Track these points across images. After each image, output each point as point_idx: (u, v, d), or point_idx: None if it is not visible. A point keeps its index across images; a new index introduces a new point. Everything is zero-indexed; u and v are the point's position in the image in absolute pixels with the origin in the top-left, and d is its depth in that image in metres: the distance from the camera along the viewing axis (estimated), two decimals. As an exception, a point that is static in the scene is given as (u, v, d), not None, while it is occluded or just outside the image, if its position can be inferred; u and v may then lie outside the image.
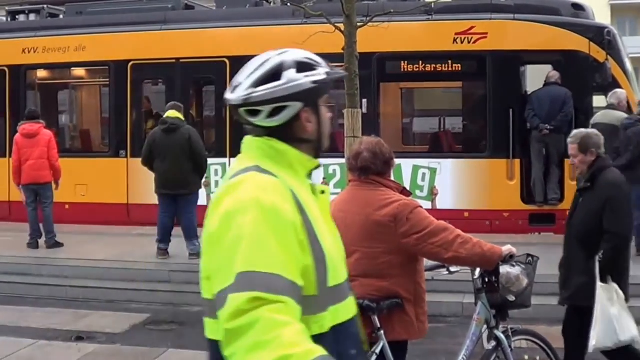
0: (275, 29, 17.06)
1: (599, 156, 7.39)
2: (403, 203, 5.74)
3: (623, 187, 7.43)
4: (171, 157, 13.67)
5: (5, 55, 19.13)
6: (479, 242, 5.81)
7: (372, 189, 5.87)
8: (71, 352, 9.97)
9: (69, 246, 15.24)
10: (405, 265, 5.77)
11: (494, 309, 6.37)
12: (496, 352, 6.43)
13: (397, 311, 5.75)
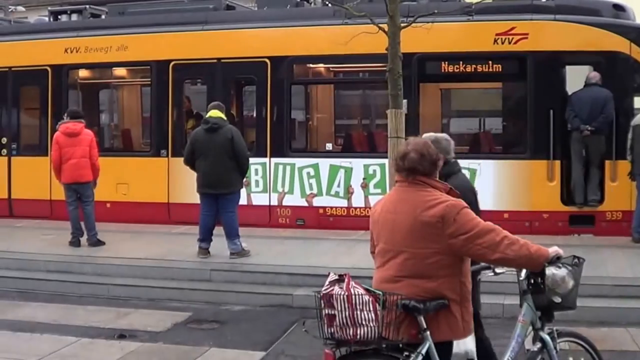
0: (315, 29, 17.10)
1: (447, 161, 7.42)
2: (450, 204, 5.73)
3: (469, 193, 7.36)
4: (213, 157, 13.74)
5: (48, 55, 19.28)
6: (526, 243, 5.79)
7: (419, 190, 5.86)
8: (113, 350, 9.99)
9: (111, 244, 15.35)
10: (452, 266, 5.75)
11: (540, 310, 6.33)
12: (541, 353, 6.41)
13: (443, 312, 5.74)
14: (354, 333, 5.56)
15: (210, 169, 13.78)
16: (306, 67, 18.26)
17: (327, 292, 5.64)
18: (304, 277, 12.68)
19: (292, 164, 16.96)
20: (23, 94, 20.02)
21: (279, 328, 10.88)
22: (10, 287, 13.76)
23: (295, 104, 17.88)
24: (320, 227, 16.61)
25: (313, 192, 16.87)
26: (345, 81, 19.87)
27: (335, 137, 18.88)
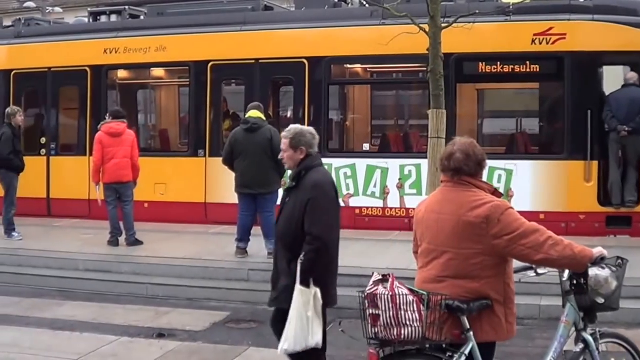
0: (353, 30, 17.10)
1: (308, 155, 7.37)
2: (495, 204, 5.72)
3: (327, 188, 7.28)
4: (252, 157, 13.78)
5: (87, 56, 19.43)
6: (570, 244, 5.77)
7: (464, 190, 5.86)
8: (153, 349, 10.04)
9: (149, 244, 15.43)
10: (496, 267, 5.75)
11: (582, 311, 6.31)
12: (583, 354, 6.39)
13: (487, 312, 5.74)
14: (398, 333, 5.57)
15: (249, 168, 13.82)
16: (343, 68, 18.29)
17: (371, 292, 5.64)
18: (340, 277, 12.59)
19: (329, 164, 16.91)
20: (62, 95, 20.19)
21: (316, 328, 10.87)
22: (49, 286, 13.89)
23: (332, 104, 17.90)
24: (356, 227, 16.57)
25: (350, 192, 16.88)
26: (382, 82, 19.87)
27: (372, 138, 18.88)
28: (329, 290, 7.26)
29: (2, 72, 20.56)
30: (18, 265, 14.98)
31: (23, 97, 20.05)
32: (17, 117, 16.68)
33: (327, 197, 7.22)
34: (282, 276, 7.30)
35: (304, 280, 6.96)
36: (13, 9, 58.68)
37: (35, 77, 20.08)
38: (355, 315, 5.88)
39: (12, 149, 16.50)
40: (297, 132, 7.46)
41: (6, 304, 12.70)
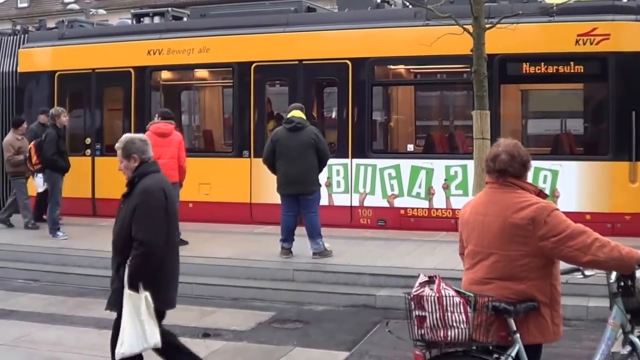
0: (396, 30, 17.08)
1: (142, 162, 7.43)
2: (541, 206, 5.70)
3: (155, 194, 7.30)
4: (295, 156, 13.85)
5: (131, 57, 19.58)
6: (617, 245, 5.73)
7: (510, 192, 5.84)
8: (199, 348, 9.98)
9: (194, 244, 15.43)
10: (542, 268, 5.73)
11: (630, 313, 6.27)
12: (631, 356, 6.35)
13: (533, 314, 5.72)
14: (444, 335, 5.56)
15: (292, 168, 13.88)
16: (387, 69, 18.26)
17: (418, 293, 5.64)
18: (386, 277, 12.70)
19: (373, 165, 16.96)
20: (106, 95, 20.35)
21: (362, 328, 10.90)
22: (95, 285, 13.91)
23: (376, 105, 17.91)
24: (401, 228, 16.60)
25: (394, 193, 16.86)
26: (425, 82, 19.83)
27: (416, 138, 18.85)
28: (163, 293, 7.37)
29: (46, 73, 20.75)
30: (63, 265, 15.13)
31: (67, 98, 20.24)
32: (61, 117, 16.84)
33: (153, 202, 7.29)
34: (115, 280, 7.43)
35: (132, 284, 7.06)
36: (57, 11, 59.38)
37: (79, 78, 20.25)
38: (402, 315, 5.88)
39: (56, 150, 16.65)
40: (127, 141, 7.59)
41: (51, 303, 12.84)
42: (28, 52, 21.09)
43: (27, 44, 21.26)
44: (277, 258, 14.15)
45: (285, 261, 13.97)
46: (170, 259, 7.59)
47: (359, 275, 12.96)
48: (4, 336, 10.62)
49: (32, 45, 21.15)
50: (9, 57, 21.33)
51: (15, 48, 21.31)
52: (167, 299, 7.56)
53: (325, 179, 16.70)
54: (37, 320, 11.60)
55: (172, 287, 7.72)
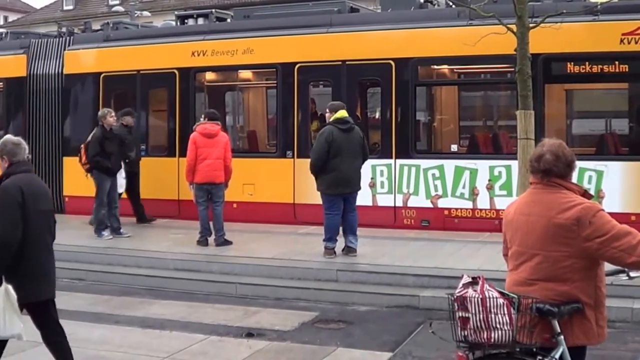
0: (440, 30, 17.04)
1: (11, 163, 7.75)
2: (586, 206, 5.65)
3: (9, 190, 7.57)
4: (347, 156, 13.94)
5: (175, 58, 19.69)
6: None
7: (554, 192, 5.80)
8: (242, 348, 10.09)
9: (238, 244, 15.58)
10: (587, 270, 5.68)
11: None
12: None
13: (577, 316, 5.67)
14: (488, 336, 5.54)
15: (347, 168, 13.98)
16: (430, 69, 18.20)
17: (461, 294, 5.62)
18: (430, 278, 12.67)
19: (417, 165, 16.93)
20: (151, 97, 20.50)
21: (405, 329, 10.87)
22: (140, 285, 14.10)
23: (419, 105, 17.87)
24: (445, 228, 16.56)
25: (438, 193, 16.82)
26: (469, 82, 19.74)
27: (459, 139, 18.78)
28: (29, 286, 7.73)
29: (91, 74, 20.95)
30: (108, 264, 15.24)
31: (112, 100, 20.38)
32: (107, 118, 16.95)
33: (6, 199, 7.58)
34: None
35: None
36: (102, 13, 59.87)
37: (124, 80, 20.43)
38: (446, 316, 5.86)
39: (99, 151, 16.76)
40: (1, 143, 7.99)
41: (96, 302, 12.93)
42: (73, 54, 21.29)
43: (72, 46, 21.46)
44: (320, 258, 14.17)
45: (328, 261, 13.97)
46: (36, 254, 7.92)
47: (403, 276, 12.94)
48: (50, 335, 10.71)
49: (78, 47, 21.34)
50: (54, 59, 21.53)
51: (61, 50, 21.52)
52: (35, 291, 7.94)
53: (369, 179, 16.69)
54: (82, 319, 11.64)
55: (42, 280, 8.09)
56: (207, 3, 52.88)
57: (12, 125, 22.39)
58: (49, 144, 21.47)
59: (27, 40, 22.69)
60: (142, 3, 59.61)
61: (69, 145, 21.14)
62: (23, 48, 22.26)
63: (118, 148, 17.09)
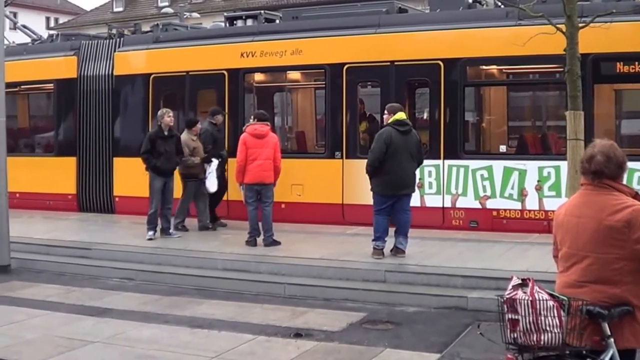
0: (488, 30, 16.96)
1: None
2: (637, 208, 5.59)
3: None
4: (404, 158, 13.95)
5: (224, 59, 19.80)
6: None
7: (605, 193, 5.75)
8: (290, 348, 10.10)
9: (286, 244, 15.61)
10: (638, 272, 5.60)
11: None
12: None
13: (628, 318, 5.62)
14: (537, 339, 5.51)
15: (404, 169, 14.00)
16: (479, 69, 18.12)
17: (511, 296, 5.60)
18: (478, 279, 12.61)
19: (465, 166, 16.88)
20: (200, 98, 20.60)
21: (453, 330, 10.82)
22: (188, 285, 14.17)
23: (468, 105, 17.81)
24: (493, 229, 16.49)
25: (486, 194, 16.75)
26: (518, 82, 19.62)
27: (508, 139, 18.68)
28: None
29: (141, 76, 21.14)
30: (158, 264, 15.35)
31: (162, 101, 20.51)
32: (164, 118, 17.06)
33: None
34: None
35: None
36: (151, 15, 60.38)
37: (174, 81, 20.56)
38: (494, 318, 5.85)
39: (150, 149, 16.88)
40: None
41: (145, 302, 13.02)
42: (123, 56, 21.49)
43: (122, 48, 21.66)
44: (368, 259, 14.14)
45: (377, 262, 13.94)
46: None
47: (451, 277, 12.88)
48: (100, 334, 10.81)
49: (128, 49, 21.54)
50: (105, 61, 21.74)
51: (111, 52, 21.73)
52: None
53: (417, 180, 16.67)
54: (132, 318, 11.78)
55: None
56: (256, 4, 53.06)
57: (63, 126, 22.65)
58: (99, 144, 21.68)
59: (77, 42, 22.94)
60: (191, 4, 60.05)
61: (119, 146, 21.35)
62: (73, 50, 22.52)
63: (174, 149, 17.14)
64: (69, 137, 22.39)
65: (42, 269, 15.92)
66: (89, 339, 10.52)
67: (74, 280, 14.99)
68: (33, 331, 11.03)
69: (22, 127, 24.85)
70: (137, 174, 17.67)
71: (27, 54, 23.47)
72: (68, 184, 22.27)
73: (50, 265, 15.95)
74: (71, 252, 16.50)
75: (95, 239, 17.48)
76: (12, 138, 21.05)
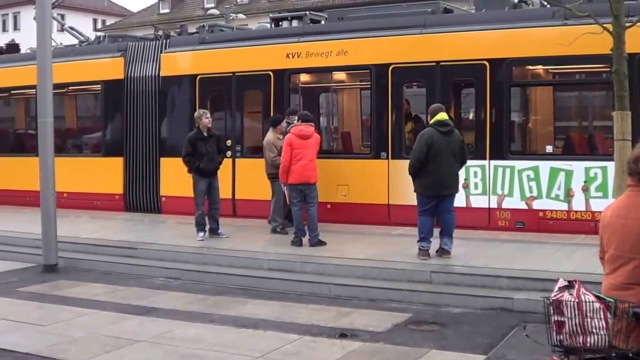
0: (534, 30, 16.84)
1: None
2: None
3: None
4: (447, 158, 13.94)
5: (270, 60, 19.86)
6: None
7: (652, 195, 5.73)
8: (335, 348, 10.11)
9: (332, 245, 15.62)
10: (683, 274, 5.60)
11: None
12: None
13: (673, 321, 5.60)
14: (583, 341, 5.48)
15: (446, 170, 13.98)
16: (525, 69, 18.00)
17: (557, 298, 5.57)
18: (524, 280, 12.53)
19: (511, 167, 16.79)
20: (246, 98, 20.67)
21: (498, 332, 10.77)
22: (234, 284, 14.25)
23: (514, 106, 17.72)
24: (539, 230, 16.37)
25: (533, 194, 16.65)
26: (564, 82, 19.48)
27: (555, 139, 18.56)
28: None
29: (187, 77, 21.28)
30: (203, 264, 15.45)
31: (208, 101, 20.61)
32: (202, 119, 17.13)
33: None
34: None
35: None
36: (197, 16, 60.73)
37: (220, 82, 20.67)
38: (540, 319, 5.83)
39: (191, 151, 16.97)
40: None
41: (190, 301, 13.12)
42: (170, 57, 21.64)
43: (169, 49, 21.82)
44: (414, 259, 14.12)
45: (422, 262, 13.92)
46: None
47: (496, 278, 12.81)
48: (146, 333, 10.93)
49: (174, 50, 21.68)
50: (151, 62, 21.92)
51: (158, 53, 21.89)
52: None
53: (463, 180, 16.62)
54: (177, 317, 11.86)
55: None
56: (301, 5, 53.15)
57: (110, 126, 22.85)
58: (146, 145, 21.86)
59: (124, 44, 23.15)
60: (237, 6, 60.30)
61: (165, 146, 21.49)
62: (120, 51, 22.73)
63: (216, 149, 17.22)
64: (116, 138, 22.58)
65: (89, 268, 16.11)
66: (135, 338, 10.61)
67: (120, 279, 15.13)
68: (79, 330, 11.17)
69: (70, 127, 25.10)
70: (184, 174, 17.73)
71: (75, 56, 23.71)
72: (115, 184, 22.47)
73: (97, 265, 16.14)
74: (118, 251, 16.67)
75: (142, 238, 17.64)
76: (59, 138, 21.29)
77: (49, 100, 16.20)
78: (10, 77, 25.00)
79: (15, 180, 24.27)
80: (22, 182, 23.55)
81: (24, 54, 26.82)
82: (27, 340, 10.59)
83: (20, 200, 23.76)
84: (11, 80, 24.96)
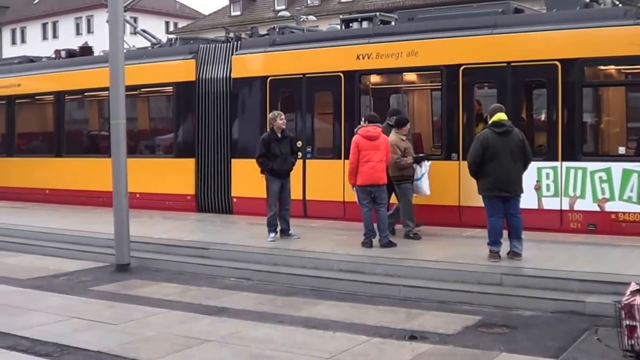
0: (606, 30, 16.66)
1: None
2: None
3: None
4: (506, 159, 13.82)
5: (340, 62, 19.93)
6: None
7: None
8: (404, 350, 10.09)
9: (402, 246, 15.65)
10: None
11: None
12: None
13: None
14: (655, 345, 5.45)
15: (504, 171, 13.87)
16: (597, 69, 17.79)
17: (629, 302, 5.54)
18: (595, 284, 12.40)
19: (584, 168, 16.62)
20: (316, 99, 20.74)
21: (569, 335, 10.66)
22: (304, 285, 14.32)
23: (586, 106, 17.52)
24: (612, 233, 16.19)
25: (605, 196, 16.48)
26: (637, 83, 19.24)
27: (627, 140, 18.34)
28: None
29: (258, 78, 21.43)
30: (274, 264, 15.55)
31: (279, 102, 20.71)
32: (277, 120, 17.23)
33: None
34: None
35: None
36: (268, 18, 61.05)
37: (291, 83, 20.78)
38: (612, 323, 5.79)
39: (265, 152, 17.08)
40: None
41: (261, 301, 13.21)
42: (241, 58, 21.81)
43: (239, 51, 22.00)
44: (485, 261, 14.06)
45: (493, 265, 13.85)
46: None
47: (567, 281, 12.68)
48: (216, 332, 11.02)
49: (245, 52, 21.85)
50: (222, 64, 22.11)
51: (229, 55, 22.08)
52: None
53: (535, 182, 16.50)
54: (247, 318, 11.94)
55: None
56: (371, 7, 53.09)
57: (182, 128, 23.09)
58: (217, 146, 22.06)
59: (195, 46, 23.38)
60: (307, 8, 60.51)
61: (236, 147, 21.66)
62: (192, 53, 22.96)
63: (289, 150, 17.31)
64: (188, 139, 22.81)
65: (160, 268, 16.31)
66: (205, 338, 10.70)
67: (191, 279, 15.29)
68: (151, 329, 11.30)
69: (142, 129, 25.41)
70: (255, 175, 17.85)
71: (147, 58, 24.04)
72: (187, 184, 22.70)
73: (168, 265, 16.33)
74: (189, 251, 16.85)
75: (213, 239, 17.79)
76: (132, 140, 21.56)
77: (121, 102, 16.42)
78: (83, 79, 25.41)
79: (89, 181, 24.64)
80: (95, 183, 23.91)
81: (97, 57, 27.13)
82: (99, 339, 10.73)
83: (93, 201, 24.13)
84: (85, 83, 25.36)
